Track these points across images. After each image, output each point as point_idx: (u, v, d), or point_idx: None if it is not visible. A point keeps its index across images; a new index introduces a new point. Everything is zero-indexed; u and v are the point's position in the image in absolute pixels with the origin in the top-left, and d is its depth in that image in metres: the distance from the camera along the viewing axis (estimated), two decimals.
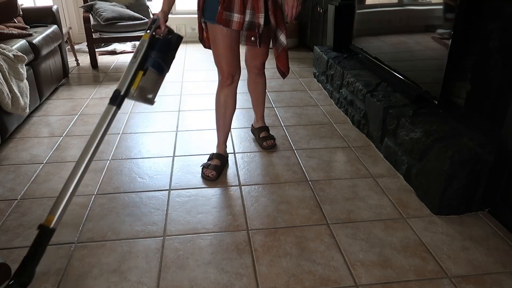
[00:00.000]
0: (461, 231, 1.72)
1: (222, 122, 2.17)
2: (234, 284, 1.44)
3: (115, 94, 1.50)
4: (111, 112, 1.49)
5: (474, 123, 1.95)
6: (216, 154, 2.19)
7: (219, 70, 2.04)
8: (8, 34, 2.80)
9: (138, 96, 1.55)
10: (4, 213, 1.81)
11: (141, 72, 1.56)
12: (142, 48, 1.58)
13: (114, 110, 1.50)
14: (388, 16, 2.64)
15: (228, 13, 1.81)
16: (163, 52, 1.63)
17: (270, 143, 2.41)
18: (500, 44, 1.81)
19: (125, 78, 1.53)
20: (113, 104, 1.50)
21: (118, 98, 1.50)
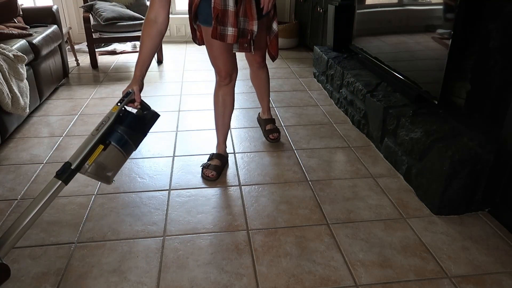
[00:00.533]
0: (461, 231, 1.72)
1: (221, 122, 2.17)
2: (234, 284, 1.44)
3: (64, 166, 1.30)
4: (55, 186, 1.29)
5: (474, 123, 1.95)
6: (216, 154, 2.19)
7: (216, 71, 2.04)
8: (8, 34, 2.81)
9: (93, 173, 1.35)
10: (4, 213, 1.81)
11: (101, 146, 1.38)
12: (107, 121, 1.40)
13: (59, 185, 1.30)
14: (388, 16, 2.64)
15: (222, 28, 1.78)
16: (133, 129, 1.44)
17: (276, 136, 2.47)
18: (500, 44, 1.81)
19: (80, 150, 1.35)
20: (59, 178, 1.30)
21: (67, 172, 1.30)
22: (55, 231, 1.70)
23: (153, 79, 3.68)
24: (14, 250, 1.59)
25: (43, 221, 1.76)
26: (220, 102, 2.12)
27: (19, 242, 1.62)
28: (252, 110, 2.96)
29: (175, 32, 5.13)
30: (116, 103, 1.44)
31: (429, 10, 2.18)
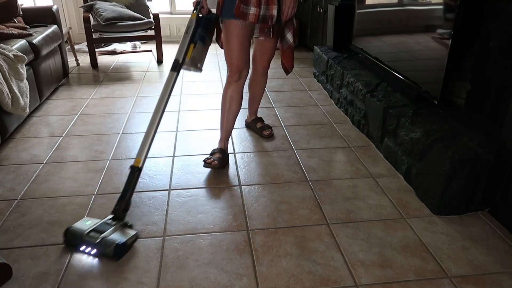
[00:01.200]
0: (461, 231, 1.72)
1: (225, 118, 2.22)
2: (234, 284, 1.44)
3: (175, 62, 1.87)
4: (173, 77, 1.86)
5: (474, 123, 1.95)
6: (218, 149, 2.22)
7: (229, 65, 2.11)
8: (8, 34, 2.81)
9: (190, 65, 1.91)
10: (4, 213, 1.81)
11: (192, 45, 1.92)
12: (191, 26, 1.93)
13: (175, 76, 1.86)
14: (388, 16, 2.64)
15: (245, 7, 1.91)
16: (206, 27, 1.96)
17: (270, 132, 2.54)
18: (500, 44, 1.81)
19: (181, 50, 1.89)
20: (174, 71, 1.86)
21: (178, 66, 1.87)
22: (55, 231, 1.70)
23: (153, 79, 3.68)
24: (14, 250, 1.59)
25: (43, 221, 1.76)
26: (227, 98, 2.18)
27: (20, 242, 1.63)
28: None
29: (175, 32, 5.13)
30: (193, 11, 1.97)
31: (429, 10, 2.18)
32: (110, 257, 1.54)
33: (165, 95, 1.82)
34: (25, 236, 1.67)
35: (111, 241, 1.54)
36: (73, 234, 1.59)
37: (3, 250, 1.59)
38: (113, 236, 1.57)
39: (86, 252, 1.56)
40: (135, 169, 1.72)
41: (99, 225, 1.61)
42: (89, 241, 1.55)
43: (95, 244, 1.54)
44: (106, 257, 1.54)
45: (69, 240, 1.59)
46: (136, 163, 1.73)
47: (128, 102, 3.13)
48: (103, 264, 1.52)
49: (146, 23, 3.94)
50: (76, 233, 1.59)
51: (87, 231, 1.58)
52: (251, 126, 2.62)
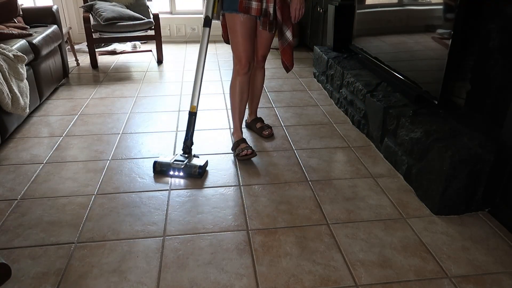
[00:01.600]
0: (461, 231, 1.72)
1: (239, 109, 2.31)
2: (234, 284, 1.44)
3: (206, 19, 2.07)
4: (207, 32, 2.09)
5: (474, 123, 1.95)
6: (240, 140, 2.31)
7: (237, 58, 2.20)
8: (8, 34, 2.81)
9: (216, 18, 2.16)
10: (4, 213, 1.81)
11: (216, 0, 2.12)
12: None
13: (209, 31, 2.10)
14: (388, 16, 2.64)
15: (247, 1, 2.02)
16: None
17: (270, 132, 2.55)
18: (500, 44, 1.81)
19: (208, 6, 2.07)
20: (207, 26, 2.08)
21: (210, 21, 2.08)
22: (55, 231, 1.70)
23: (153, 79, 3.68)
24: (14, 250, 1.59)
25: (43, 221, 1.76)
26: (238, 90, 2.25)
27: (20, 242, 1.63)
28: None
29: (175, 32, 5.13)
30: None
31: (429, 10, 2.18)
32: (196, 176, 2.05)
33: (203, 49, 2.11)
34: (25, 236, 1.67)
35: (194, 165, 2.07)
36: (162, 164, 2.08)
37: (3, 250, 1.59)
38: (193, 162, 2.09)
39: (175, 175, 2.06)
40: (193, 114, 2.14)
41: (178, 157, 2.12)
42: (176, 167, 2.06)
43: (182, 168, 2.06)
44: (192, 177, 2.06)
45: (159, 169, 2.08)
46: (192, 109, 2.13)
47: (128, 102, 3.13)
48: (103, 264, 1.53)
49: (146, 23, 3.94)
50: (163, 164, 2.08)
51: (172, 160, 2.08)
52: (251, 126, 2.63)
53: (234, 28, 2.10)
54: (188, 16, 5.12)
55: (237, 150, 2.25)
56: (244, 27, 2.09)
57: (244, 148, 2.22)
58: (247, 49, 2.14)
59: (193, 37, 5.17)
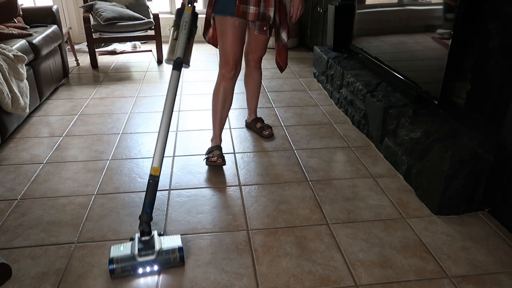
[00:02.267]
0: (461, 231, 1.72)
1: (220, 115, 2.23)
2: (234, 284, 1.44)
3: (178, 61, 1.75)
4: (178, 77, 1.74)
5: (474, 123, 1.95)
6: (215, 146, 2.23)
7: (224, 61, 2.12)
8: (8, 34, 2.81)
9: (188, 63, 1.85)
10: (4, 213, 1.81)
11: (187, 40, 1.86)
12: (188, 21, 1.80)
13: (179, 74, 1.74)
14: (388, 16, 2.64)
15: (244, 6, 1.97)
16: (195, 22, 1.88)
17: (270, 132, 2.55)
18: (500, 44, 1.81)
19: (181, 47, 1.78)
20: (178, 70, 1.74)
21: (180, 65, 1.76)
22: (55, 231, 1.70)
23: (153, 79, 3.68)
24: (14, 250, 1.59)
25: (43, 221, 1.76)
26: (221, 96, 2.18)
27: (19, 242, 1.63)
28: None
29: None
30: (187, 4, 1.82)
31: (429, 10, 2.18)
32: (177, 263, 1.50)
33: (172, 97, 1.71)
34: (25, 236, 1.67)
35: (169, 249, 1.50)
36: (122, 261, 1.45)
37: (3, 250, 1.59)
38: (164, 245, 1.52)
39: (148, 271, 1.47)
40: (155, 178, 1.57)
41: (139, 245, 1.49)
42: (146, 260, 1.47)
43: (155, 260, 1.48)
44: (173, 266, 1.50)
45: (120, 270, 1.45)
46: (154, 172, 1.58)
47: (128, 102, 3.13)
48: (103, 264, 1.52)
49: (146, 23, 3.94)
50: (124, 259, 1.46)
51: (135, 252, 1.47)
52: (251, 126, 2.63)
53: (225, 31, 2.04)
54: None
55: (208, 154, 2.18)
56: (236, 31, 2.04)
57: (216, 155, 2.15)
58: (236, 53, 2.09)
59: None
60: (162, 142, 1.64)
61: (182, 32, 1.79)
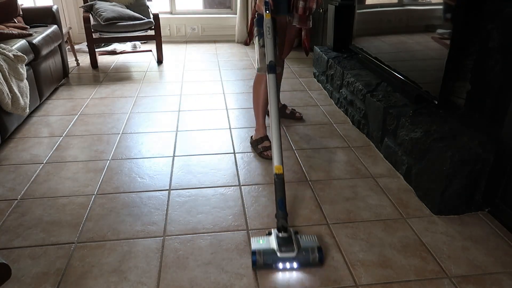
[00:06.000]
0: (461, 231, 1.72)
1: (265, 106, 2.37)
2: (234, 284, 1.44)
3: (272, 64, 1.88)
4: (275, 79, 1.87)
5: (474, 123, 1.95)
6: (264, 137, 2.36)
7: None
8: (8, 34, 2.81)
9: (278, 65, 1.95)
10: (4, 213, 1.81)
11: None
12: (270, 27, 1.94)
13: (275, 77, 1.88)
14: (388, 16, 2.64)
15: (296, 1, 2.15)
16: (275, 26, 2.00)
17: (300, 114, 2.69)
18: (500, 44, 1.81)
19: (271, 51, 1.90)
20: (274, 73, 1.87)
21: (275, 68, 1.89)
22: (55, 231, 1.70)
23: (153, 79, 3.68)
24: (14, 250, 1.59)
25: (43, 221, 1.76)
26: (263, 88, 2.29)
27: (20, 242, 1.63)
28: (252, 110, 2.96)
29: (175, 32, 5.13)
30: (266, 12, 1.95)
31: (429, 10, 2.18)
32: (317, 263, 1.51)
33: (277, 99, 1.86)
34: (25, 236, 1.67)
35: (308, 248, 1.53)
36: (265, 255, 1.50)
37: (3, 250, 1.59)
38: (304, 244, 1.55)
39: (288, 267, 1.50)
40: (282, 177, 1.65)
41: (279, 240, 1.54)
42: (287, 257, 1.50)
43: (296, 258, 1.50)
44: (311, 266, 1.51)
45: (262, 262, 1.49)
46: (278, 170, 1.66)
47: (128, 102, 3.13)
48: (103, 264, 1.53)
49: (146, 23, 3.94)
50: (267, 253, 1.51)
51: (276, 247, 1.52)
52: (280, 113, 2.73)
53: (280, 30, 2.18)
54: (188, 16, 5.12)
55: (261, 147, 2.32)
56: (286, 29, 2.24)
57: (268, 147, 2.29)
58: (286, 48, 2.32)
59: (193, 37, 5.17)
60: (278, 141, 1.74)
61: (268, 38, 1.91)
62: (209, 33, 5.17)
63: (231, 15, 5.15)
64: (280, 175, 1.64)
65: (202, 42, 5.11)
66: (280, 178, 1.63)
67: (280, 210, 1.58)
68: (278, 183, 1.63)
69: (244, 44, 2.46)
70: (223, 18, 5.15)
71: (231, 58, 4.37)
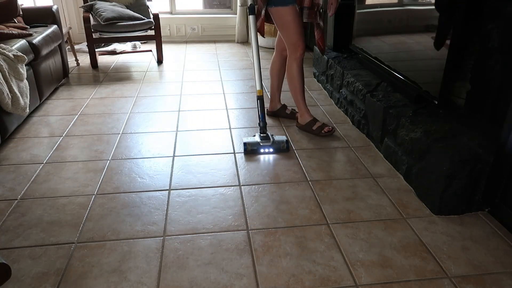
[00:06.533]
0: (461, 231, 1.72)
1: (303, 91, 2.55)
2: (234, 284, 1.44)
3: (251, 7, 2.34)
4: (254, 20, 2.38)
5: (474, 123, 1.95)
6: (314, 119, 2.56)
7: (296, 45, 2.43)
8: (8, 34, 2.81)
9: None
10: (4, 213, 1.81)
11: None
12: None
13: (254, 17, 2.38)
14: (388, 16, 2.64)
15: None
16: None
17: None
18: (500, 44, 1.81)
19: None
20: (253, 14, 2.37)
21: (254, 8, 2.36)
22: (55, 231, 1.70)
23: (153, 79, 3.68)
24: (14, 250, 1.59)
25: (43, 221, 1.76)
26: (300, 75, 2.51)
27: (20, 242, 1.63)
28: (252, 110, 2.97)
29: (175, 32, 5.13)
30: None
31: (429, 10, 2.18)
32: (284, 150, 2.34)
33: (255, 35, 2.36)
34: (25, 236, 1.67)
35: (280, 141, 2.35)
36: (251, 144, 2.33)
37: (3, 250, 1.59)
38: (277, 139, 2.37)
39: (266, 152, 2.32)
40: (260, 98, 2.38)
41: (261, 137, 2.36)
42: (266, 145, 2.33)
43: (271, 145, 2.33)
44: (281, 152, 2.33)
45: (250, 149, 2.32)
46: (259, 93, 2.38)
47: (128, 102, 3.13)
48: (103, 264, 1.53)
49: (146, 23, 3.94)
50: (253, 143, 2.34)
51: (259, 141, 2.34)
52: (280, 113, 2.80)
53: (289, 20, 2.33)
54: (188, 16, 5.12)
55: (316, 128, 2.51)
56: (298, 17, 2.33)
57: (323, 125, 2.52)
58: (302, 36, 2.40)
59: (193, 37, 5.17)
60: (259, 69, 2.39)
61: None
62: (209, 33, 5.17)
63: (231, 15, 5.15)
64: (261, 96, 2.38)
65: (202, 42, 5.11)
66: (261, 99, 2.38)
67: (262, 121, 2.38)
68: (260, 103, 2.39)
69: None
70: (223, 18, 5.15)
71: (231, 58, 4.37)
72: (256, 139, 2.35)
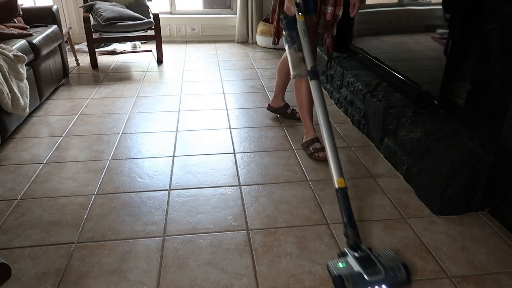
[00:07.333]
0: (461, 231, 1.72)
1: (311, 108, 2.37)
2: (234, 284, 1.44)
3: (313, 70, 1.79)
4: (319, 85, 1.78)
5: (474, 123, 1.95)
6: (315, 138, 2.35)
7: None
8: (8, 34, 2.80)
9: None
10: (4, 213, 1.81)
11: None
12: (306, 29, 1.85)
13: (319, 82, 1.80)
14: (388, 16, 2.64)
15: (324, 7, 2.19)
16: None
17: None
18: (500, 44, 1.81)
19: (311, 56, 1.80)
20: (317, 78, 1.79)
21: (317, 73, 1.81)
22: (55, 231, 1.70)
23: (153, 79, 3.68)
24: (14, 250, 1.59)
25: (43, 221, 1.76)
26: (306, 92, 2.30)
27: (20, 242, 1.63)
28: (252, 110, 2.96)
29: (175, 32, 5.13)
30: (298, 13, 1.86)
31: (429, 10, 2.18)
32: (405, 282, 1.40)
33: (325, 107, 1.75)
34: (25, 236, 1.67)
35: (394, 266, 1.39)
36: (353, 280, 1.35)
37: (3, 250, 1.59)
38: (387, 262, 1.41)
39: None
40: (345, 191, 1.56)
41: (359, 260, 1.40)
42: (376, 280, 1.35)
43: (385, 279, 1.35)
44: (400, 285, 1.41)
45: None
46: (340, 184, 1.56)
47: (128, 102, 3.13)
48: (103, 264, 1.53)
49: (146, 23, 3.94)
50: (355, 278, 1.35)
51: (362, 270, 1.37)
52: (282, 111, 2.78)
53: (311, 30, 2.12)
54: (188, 16, 5.12)
55: (312, 148, 2.30)
56: (313, 29, 2.20)
57: (319, 149, 2.27)
58: (315, 50, 2.26)
59: (193, 37, 5.17)
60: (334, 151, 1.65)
61: (305, 41, 1.81)
62: (209, 33, 5.17)
63: (231, 15, 5.15)
64: (344, 189, 1.53)
65: (202, 42, 5.11)
66: (344, 192, 1.53)
67: (351, 228, 1.47)
68: (342, 198, 1.52)
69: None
70: (223, 18, 5.15)
71: (231, 58, 4.37)
72: (355, 268, 1.39)
